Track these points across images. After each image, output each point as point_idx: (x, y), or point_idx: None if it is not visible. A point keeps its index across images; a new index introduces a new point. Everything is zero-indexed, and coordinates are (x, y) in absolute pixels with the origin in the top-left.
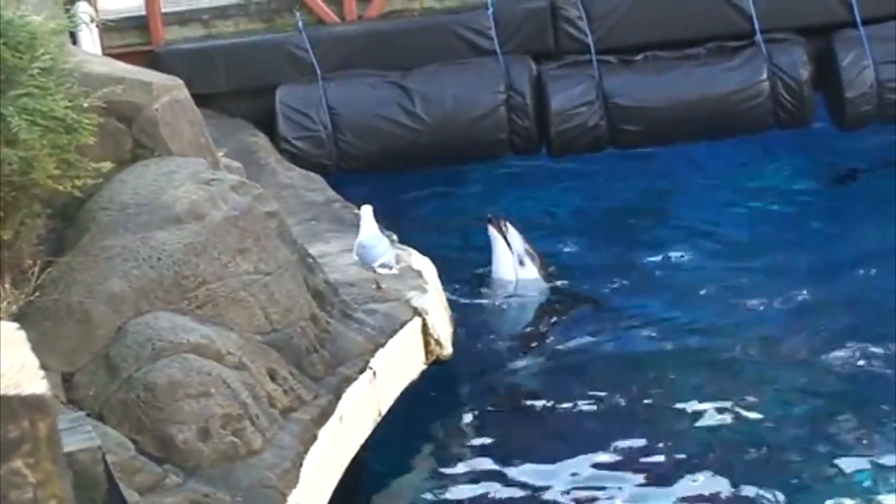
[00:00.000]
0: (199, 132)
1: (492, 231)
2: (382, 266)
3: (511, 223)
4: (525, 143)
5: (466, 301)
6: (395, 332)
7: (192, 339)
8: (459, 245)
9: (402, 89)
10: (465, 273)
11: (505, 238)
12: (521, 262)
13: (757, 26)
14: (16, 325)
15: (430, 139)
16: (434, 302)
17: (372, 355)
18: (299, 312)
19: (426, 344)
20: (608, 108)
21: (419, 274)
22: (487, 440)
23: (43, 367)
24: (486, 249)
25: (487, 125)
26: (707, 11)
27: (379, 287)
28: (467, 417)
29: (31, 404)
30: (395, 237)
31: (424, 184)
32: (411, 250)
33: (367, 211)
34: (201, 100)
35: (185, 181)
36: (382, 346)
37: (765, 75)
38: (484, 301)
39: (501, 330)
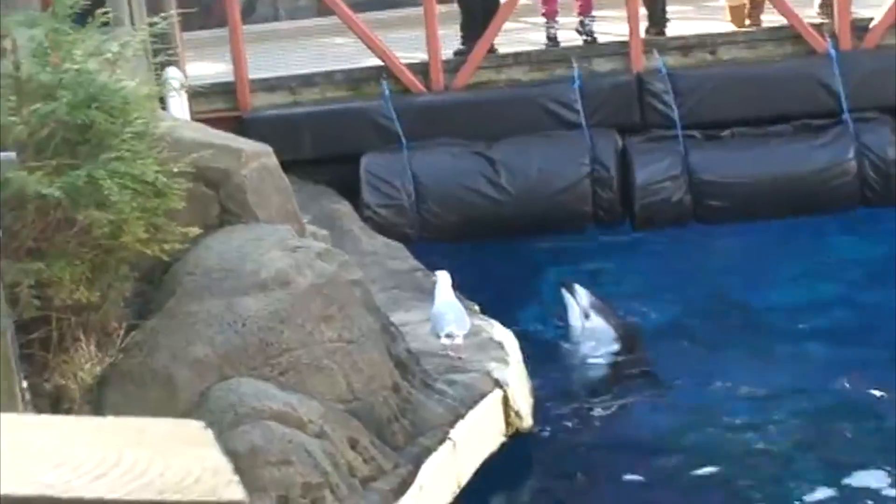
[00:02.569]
0: (287, 199)
1: (563, 292)
2: (448, 336)
3: (582, 285)
4: (609, 215)
5: (545, 364)
6: (475, 403)
7: (275, 405)
8: (541, 314)
9: (487, 160)
10: (545, 340)
11: (574, 296)
12: (587, 315)
13: (845, 105)
14: (202, 423)
15: (514, 210)
16: (515, 374)
17: (452, 426)
18: (381, 381)
19: (506, 416)
20: (693, 183)
21: (501, 345)
22: None
23: None
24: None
25: (571, 197)
26: (795, 89)
27: (458, 357)
28: (546, 490)
29: None
30: (476, 307)
31: (509, 254)
32: (493, 321)
33: (442, 277)
34: (286, 166)
35: (272, 248)
36: (462, 416)
37: (852, 154)
38: (561, 358)
39: (578, 390)
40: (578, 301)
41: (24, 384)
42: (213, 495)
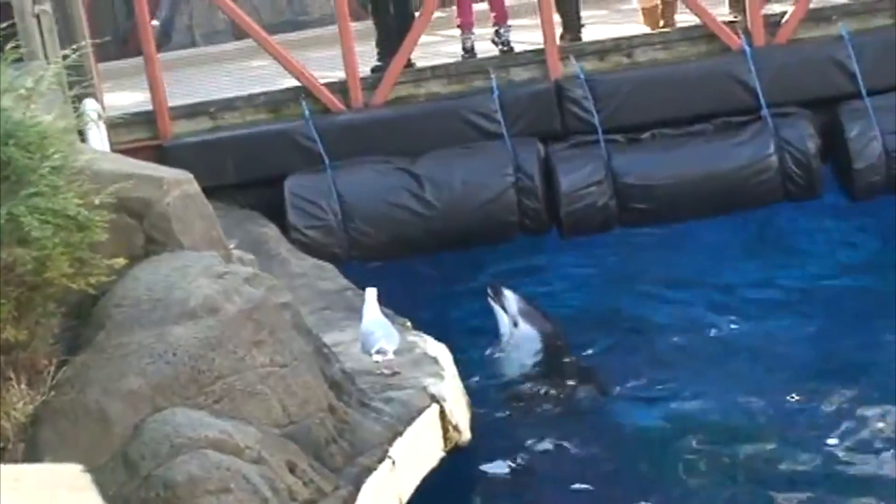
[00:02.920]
0: (211, 225)
1: (490, 302)
2: (379, 352)
3: (510, 288)
4: (535, 224)
5: (480, 376)
6: (412, 419)
7: (211, 434)
8: (475, 325)
9: (411, 175)
10: (479, 352)
11: (501, 305)
12: (515, 323)
13: (763, 101)
14: (80, 466)
15: (441, 224)
16: (451, 388)
17: (391, 444)
18: (317, 403)
19: (444, 431)
20: (617, 187)
21: (435, 360)
22: None
23: None
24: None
25: (497, 208)
26: (712, 87)
27: (393, 373)
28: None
29: None
30: (408, 323)
31: (437, 268)
32: (426, 336)
33: (369, 294)
34: (210, 192)
35: (199, 275)
36: (401, 434)
37: (772, 149)
38: (495, 369)
39: (513, 399)
40: (507, 308)
41: None
42: None
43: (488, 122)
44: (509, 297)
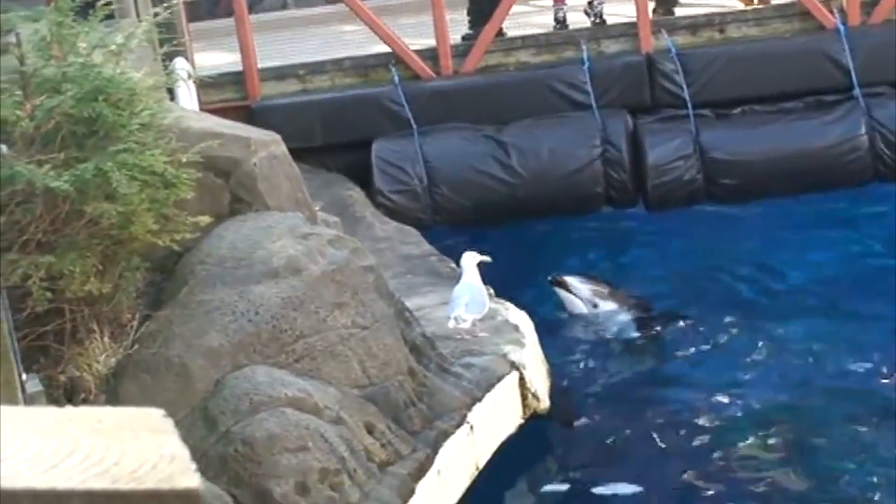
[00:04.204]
0: (297, 187)
1: (558, 291)
2: (455, 318)
3: (571, 275)
4: (621, 196)
5: (562, 346)
6: (491, 386)
7: (290, 392)
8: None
9: (498, 143)
10: (561, 323)
11: (571, 292)
12: (595, 305)
13: (855, 80)
14: (162, 411)
15: (526, 193)
16: (531, 356)
17: (469, 409)
18: (397, 366)
19: (523, 398)
20: (705, 162)
21: (516, 328)
22: (585, 495)
23: None
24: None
25: (583, 178)
26: (804, 65)
27: (473, 336)
28: (565, 472)
29: (185, 499)
30: (491, 291)
31: (522, 237)
32: (508, 304)
33: (464, 258)
34: (297, 154)
35: (283, 235)
36: (479, 400)
37: (863, 129)
38: (576, 341)
39: (595, 371)
40: (578, 293)
41: (24, 377)
42: (168, 483)
43: (577, 93)
44: (575, 283)
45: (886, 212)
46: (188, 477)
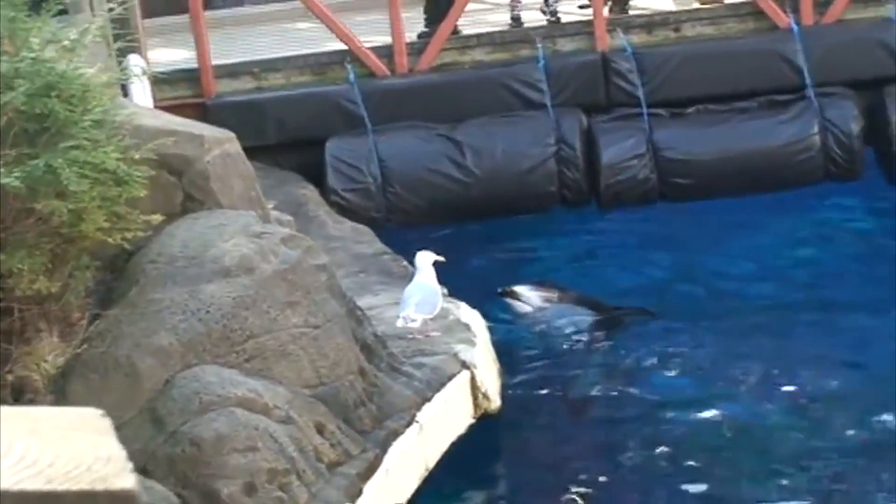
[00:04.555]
0: (250, 185)
1: (508, 301)
2: (405, 318)
3: (520, 284)
4: (575, 195)
5: (513, 346)
6: (442, 385)
7: (240, 392)
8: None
9: (453, 142)
10: (512, 322)
11: (521, 301)
12: (542, 309)
13: (808, 80)
14: (100, 411)
15: (480, 192)
16: (482, 355)
17: (419, 409)
18: (347, 366)
19: (474, 398)
20: (658, 161)
21: (467, 327)
22: (535, 496)
23: None
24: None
25: (537, 178)
26: (758, 65)
27: (424, 336)
28: (515, 472)
29: (120, 499)
30: (445, 290)
31: (476, 236)
32: (460, 303)
33: (420, 258)
34: (251, 152)
35: (235, 234)
36: (429, 399)
37: (816, 129)
38: (528, 340)
39: (546, 370)
40: (528, 302)
41: None
42: (103, 484)
43: (532, 92)
44: (524, 292)
45: (847, 205)
46: (123, 478)
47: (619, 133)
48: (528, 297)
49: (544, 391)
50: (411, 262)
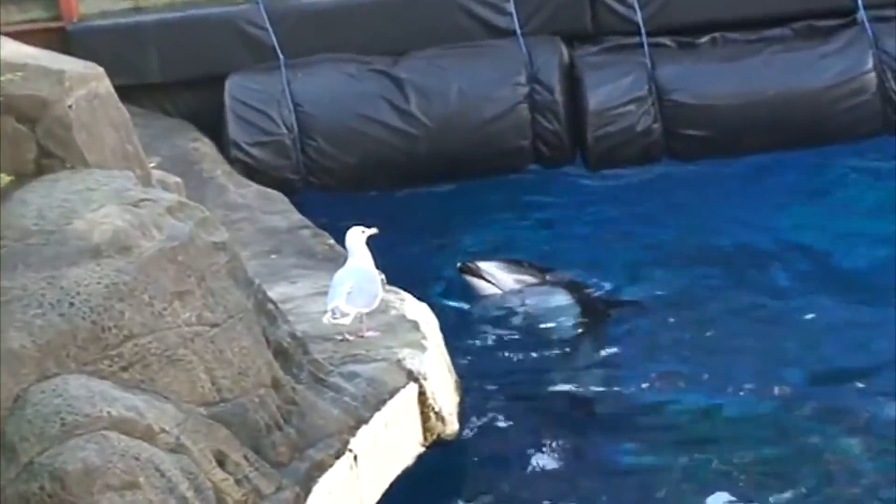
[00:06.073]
0: (126, 137)
1: (470, 282)
2: (334, 313)
3: (486, 260)
4: (554, 152)
5: (473, 348)
6: (382, 402)
7: (115, 411)
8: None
9: (393, 81)
10: (472, 317)
11: (487, 281)
12: (519, 291)
13: (860, 1)
14: None
15: (429, 147)
16: (434, 363)
17: (352, 434)
18: (256, 377)
19: (424, 418)
20: (663, 107)
21: (415, 326)
22: None
23: None
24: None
25: (504, 128)
26: None
27: (359, 336)
28: None
29: None
30: (383, 276)
31: (423, 206)
32: (405, 294)
33: (351, 235)
34: (128, 93)
35: (107, 202)
36: (366, 421)
37: (870, 64)
38: (493, 340)
39: (515, 377)
40: (497, 283)
41: None
42: None
43: (497, 15)
44: (492, 269)
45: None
46: None
47: (610, 69)
48: (496, 277)
49: (514, 405)
50: (340, 241)
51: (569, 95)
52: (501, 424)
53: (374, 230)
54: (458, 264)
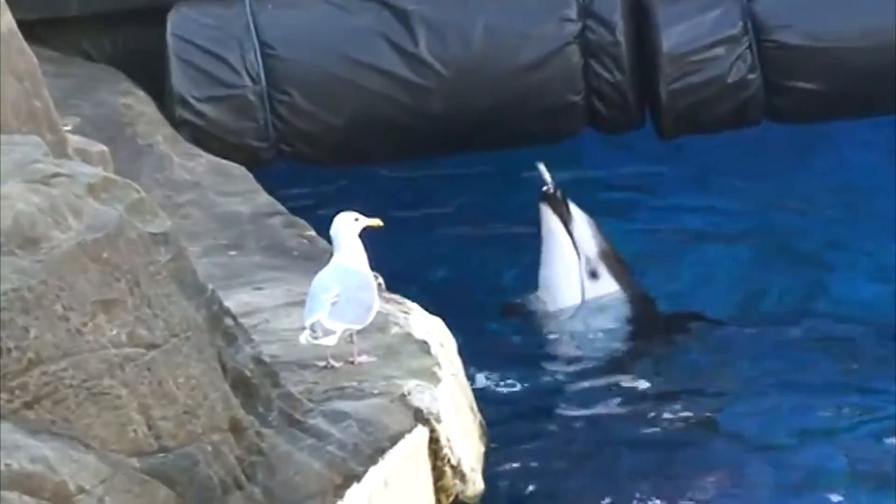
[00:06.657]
0: (32, 90)
1: (547, 216)
2: (312, 331)
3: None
4: (614, 111)
5: (508, 377)
6: (381, 453)
7: (16, 464)
8: (495, 290)
9: (396, 13)
10: (504, 337)
11: (568, 229)
12: (594, 274)
13: None
14: None
15: (445, 105)
16: (451, 399)
17: (339, 495)
18: (209, 417)
19: (438, 475)
20: (764, 51)
21: (425, 348)
22: None
23: None
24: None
25: (547, 80)
26: None
27: (348, 362)
28: None
29: None
30: (381, 281)
31: (432, 185)
32: (411, 305)
33: (339, 224)
34: (36, 32)
35: (8, 178)
36: (358, 479)
37: None
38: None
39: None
40: (580, 244)
41: None
42: None
43: None
44: (582, 223)
45: None
46: None
47: (690, 2)
48: (582, 233)
49: (555, 457)
50: (323, 232)
51: (635, 34)
52: (538, 485)
53: (374, 221)
54: (545, 187)
